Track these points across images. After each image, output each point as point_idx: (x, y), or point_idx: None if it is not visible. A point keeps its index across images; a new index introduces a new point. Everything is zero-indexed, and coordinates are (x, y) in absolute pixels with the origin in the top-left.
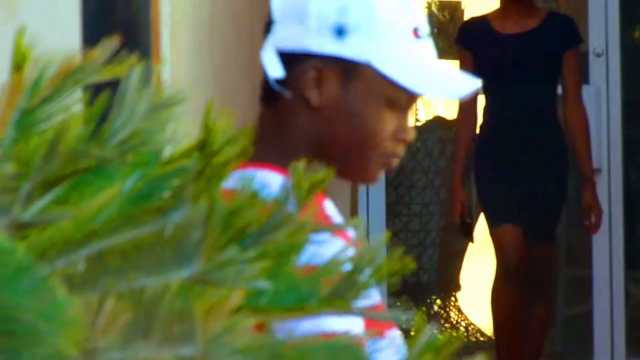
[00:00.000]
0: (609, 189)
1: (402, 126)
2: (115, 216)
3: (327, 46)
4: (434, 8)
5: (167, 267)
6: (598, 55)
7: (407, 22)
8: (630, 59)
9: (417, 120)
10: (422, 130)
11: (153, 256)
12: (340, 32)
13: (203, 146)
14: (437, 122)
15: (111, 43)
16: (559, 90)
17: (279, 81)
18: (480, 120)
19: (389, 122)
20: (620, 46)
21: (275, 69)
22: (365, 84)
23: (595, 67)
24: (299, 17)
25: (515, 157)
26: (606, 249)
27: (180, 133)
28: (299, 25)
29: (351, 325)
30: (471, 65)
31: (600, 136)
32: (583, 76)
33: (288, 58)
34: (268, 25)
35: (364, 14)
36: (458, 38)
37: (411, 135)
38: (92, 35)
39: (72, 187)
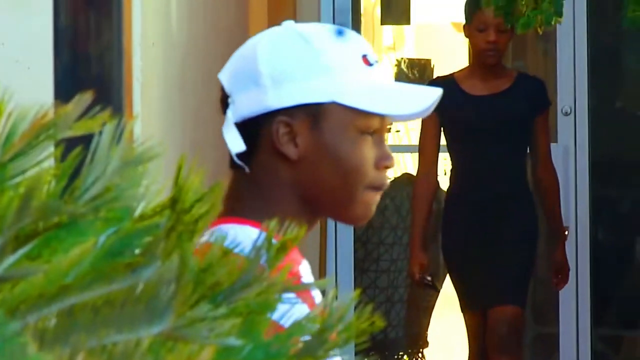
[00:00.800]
0: (577, 247)
1: (381, 153)
2: (87, 272)
3: (288, 99)
4: (403, 66)
5: (139, 323)
6: (566, 114)
7: (354, 53)
8: (598, 118)
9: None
10: (390, 187)
11: (124, 312)
12: (296, 80)
13: (174, 203)
14: (405, 179)
15: (84, 98)
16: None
17: (244, 153)
18: (447, 183)
19: (368, 152)
20: (588, 105)
21: (236, 145)
22: (334, 122)
23: (564, 125)
24: (253, 80)
25: (484, 222)
26: (573, 306)
27: (152, 189)
28: (256, 88)
29: None
30: (436, 127)
31: (568, 194)
32: (552, 135)
33: (254, 123)
34: (224, 101)
35: (313, 57)
36: None
37: (392, 161)
38: (64, 90)
39: (44, 243)
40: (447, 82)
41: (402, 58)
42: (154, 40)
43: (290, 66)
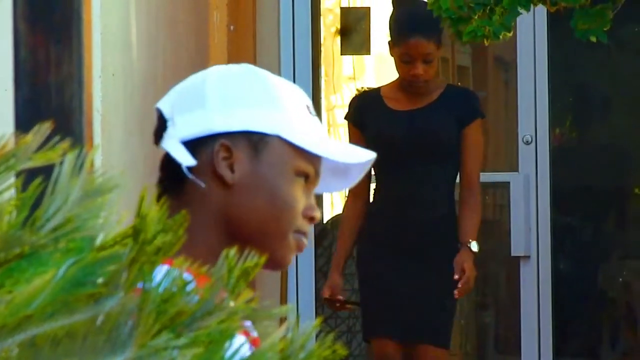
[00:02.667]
0: (538, 276)
1: (310, 203)
2: (49, 302)
3: (233, 123)
4: None
5: (100, 354)
6: (527, 143)
7: (301, 100)
8: (559, 147)
9: None
10: None
11: (86, 343)
12: (244, 106)
13: (137, 233)
14: None
15: (43, 129)
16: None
17: (177, 173)
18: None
19: (301, 196)
20: (549, 134)
21: (186, 158)
22: (275, 156)
23: (525, 154)
24: (199, 102)
25: (402, 245)
26: (535, 335)
27: (113, 220)
28: (201, 109)
29: None
30: (361, 144)
31: (530, 223)
32: (513, 164)
33: (194, 144)
34: (159, 131)
35: (264, 90)
36: (347, 114)
37: (319, 215)
38: (24, 121)
39: (6, 273)
40: (372, 96)
41: (362, 87)
42: (114, 71)
43: (240, 93)
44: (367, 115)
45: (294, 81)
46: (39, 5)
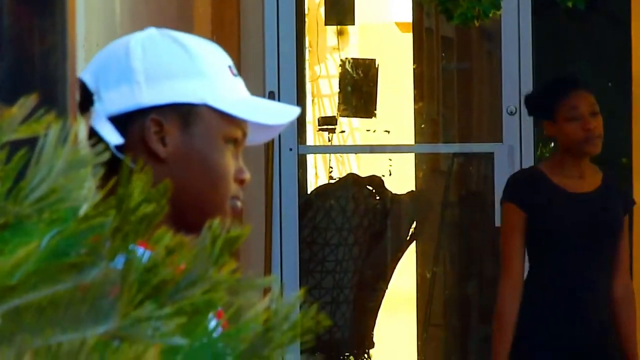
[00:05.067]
0: None
1: (239, 166)
2: (32, 273)
3: (161, 96)
4: (347, 66)
5: (84, 324)
6: (511, 114)
7: (223, 62)
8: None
9: (330, 178)
10: (335, 187)
11: (70, 312)
12: (170, 78)
13: (120, 203)
14: (351, 180)
15: (28, 101)
16: None
17: (118, 148)
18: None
19: (231, 162)
20: None
21: (114, 137)
22: (204, 125)
23: (509, 125)
24: (125, 76)
25: (578, 349)
26: None
27: (96, 190)
28: (127, 84)
29: None
30: (523, 223)
31: None
32: (497, 135)
33: (123, 120)
34: (84, 101)
35: (187, 58)
36: (508, 193)
37: (248, 175)
38: (8, 92)
39: None
40: (534, 173)
41: (346, 58)
42: (98, 41)
43: (165, 64)
44: (530, 192)
45: (278, 52)
46: None
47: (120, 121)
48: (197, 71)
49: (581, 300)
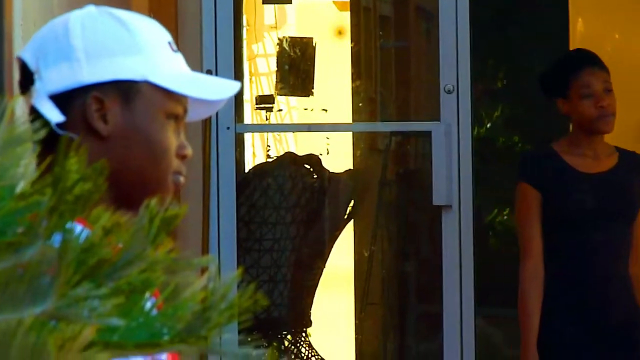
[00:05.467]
0: (459, 226)
1: (181, 142)
2: None
3: (101, 74)
4: (285, 45)
5: (21, 303)
6: (449, 92)
7: (162, 38)
8: (480, 96)
9: (268, 156)
10: (273, 166)
11: (6, 292)
12: (110, 55)
13: (57, 182)
14: (288, 158)
15: None
16: None
17: (59, 125)
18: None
19: (172, 138)
20: (471, 83)
21: (55, 114)
22: (145, 102)
23: (447, 104)
24: (64, 54)
25: (603, 326)
26: (456, 285)
27: (33, 168)
28: (67, 62)
29: None
30: (538, 204)
31: (451, 173)
32: (435, 113)
33: (64, 98)
34: (26, 79)
35: (127, 35)
36: (523, 172)
37: (190, 151)
38: None
39: None
40: (546, 152)
41: (284, 37)
42: (35, 20)
43: (105, 42)
44: (545, 173)
45: (216, 31)
46: None
47: (61, 99)
48: (136, 48)
49: (596, 284)
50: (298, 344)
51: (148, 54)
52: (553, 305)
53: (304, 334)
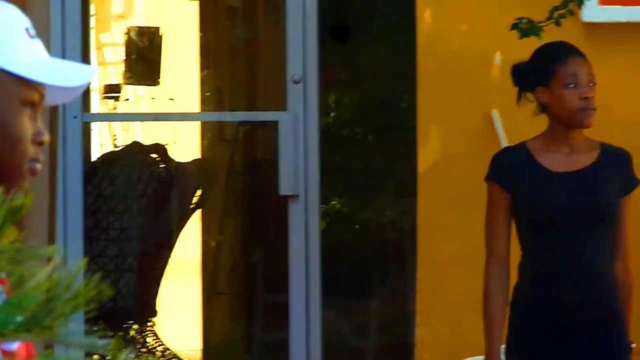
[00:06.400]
0: (306, 215)
1: (38, 128)
2: None
3: None
4: (132, 34)
5: None
6: (296, 82)
7: (18, 24)
8: (327, 86)
9: (115, 146)
10: (120, 155)
11: None
12: None
13: None
14: (135, 148)
15: None
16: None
17: None
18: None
19: (28, 125)
20: (317, 74)
21: None
22: (0, 90)
23: (293, 94)
24: None
25: (573, 328)
26: (303, 275)
27: None
28: None
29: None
30: (506, 207)
31: (298, 163)
32: (281, 103)
33: None
34: None
35: None
36: (492, 173)
37: (47, 137)
38: None
39: None
40: (519, 151)
41: (131, 26)
42: None
43: None
44: (515, 172)
45: (64, 20)
46: None
47: None
48: None
49: (567, 285)
50: (144, 334)
51: (3, 39)
52: (525, 304)
53: (149, 324)
